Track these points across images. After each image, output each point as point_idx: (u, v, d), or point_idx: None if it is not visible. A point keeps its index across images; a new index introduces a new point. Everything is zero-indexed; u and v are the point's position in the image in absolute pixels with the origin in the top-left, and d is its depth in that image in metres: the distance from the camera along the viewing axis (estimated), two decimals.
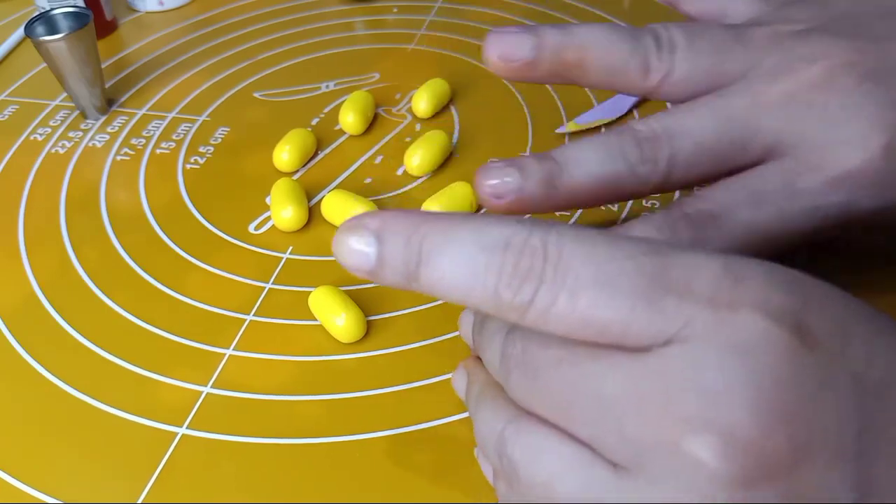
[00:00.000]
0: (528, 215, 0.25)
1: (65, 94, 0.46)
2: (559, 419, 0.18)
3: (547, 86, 0.43)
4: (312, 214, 0.36)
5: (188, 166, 0.40)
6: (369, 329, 0.31)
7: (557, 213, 0.35)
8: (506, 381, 0.20)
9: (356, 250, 0.19)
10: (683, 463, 0.16)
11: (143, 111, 0.45)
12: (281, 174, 0.38)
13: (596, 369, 0.17)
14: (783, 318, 0.16)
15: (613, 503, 0.17)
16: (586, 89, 0.43)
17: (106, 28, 0.53)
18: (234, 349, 0.30)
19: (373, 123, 0.42)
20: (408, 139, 0.40)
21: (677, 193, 0.34)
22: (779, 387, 0.16)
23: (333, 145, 0.40)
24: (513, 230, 0.18)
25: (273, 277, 0.33)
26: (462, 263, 0.18)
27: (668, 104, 0.38)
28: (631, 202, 0.35)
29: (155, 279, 0.34)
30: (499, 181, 0.24)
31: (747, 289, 0.17)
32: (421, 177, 0.38)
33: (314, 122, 0.42)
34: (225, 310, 0.32)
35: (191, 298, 0.33)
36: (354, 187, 0.38)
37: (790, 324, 0.16)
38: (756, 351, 0.16)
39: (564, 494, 0.18)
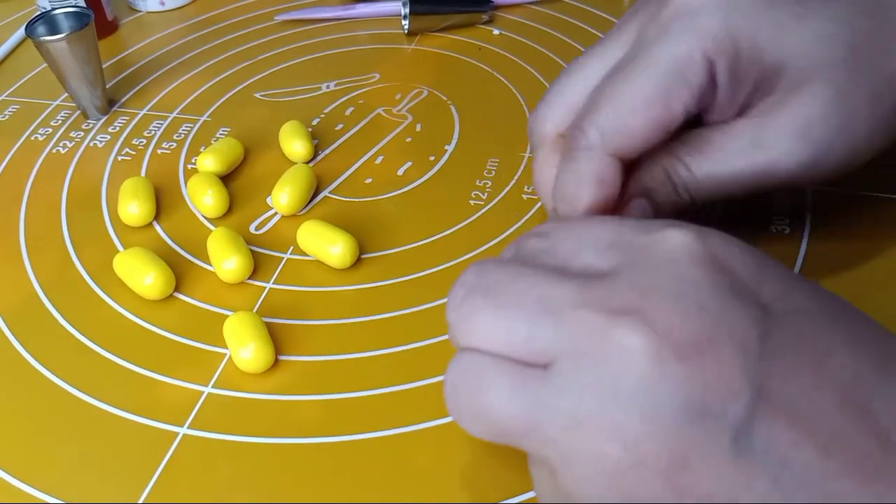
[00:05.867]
0: None
1: (66, 95, 0.46)
2: (501, 333, 0.20)
3: (547, 85, 0.43)
4: (312, 213, 0.36)
5: (189, 166, 0.40)
6: (370, 329, 0.31)
7: None
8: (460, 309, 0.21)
9: None
10: (611, 346, 0.18)
11: (145, 111, 0.45)
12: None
13: (550, 280, 0.20)
14: (701, 244, 0.19)
15: (545, 402, 0.19)
16: None
17: (107, 28, 0.53)
18: None
19: (373, 124, 0.42)
20: (408, 139, 0.41)
21: None
22: (696, 286, 0.18)
23: (334, 145, 0.41)
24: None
25: (274, 277, 0.33)
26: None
27: None
28: None
29: None
30: None
31: (670, 225, 0.20)
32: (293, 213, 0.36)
33: (315, 122, 0.42)
34: (226, 309, 0.32)
35: (192, 298, 0.33)
36: (355, 187, 0.38)
37: (708, 251, 0.19)
38: (679, 260, 0.19)
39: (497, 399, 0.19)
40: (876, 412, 0.17)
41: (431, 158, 0.39)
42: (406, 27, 0.49)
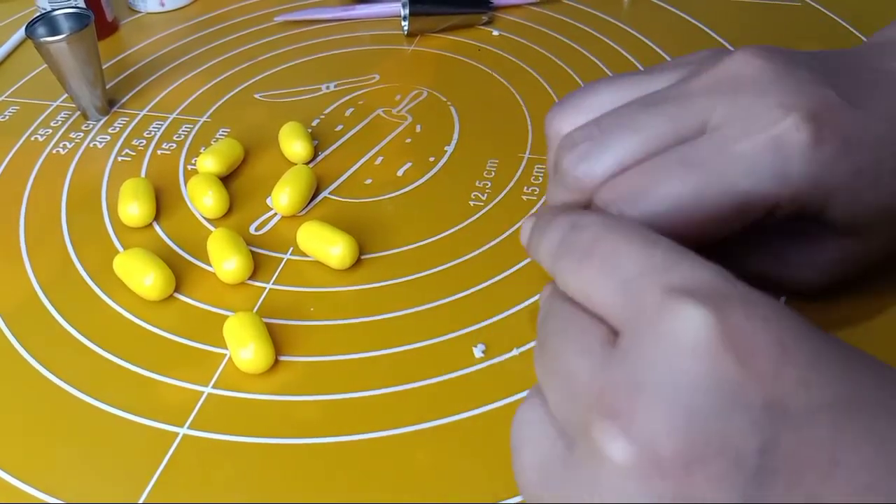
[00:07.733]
0: None
1: (66, 95, 0.46)
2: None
3: (546, 86, 0.43)
4: (312, 214, 0.36)
5: (189, 167, 0.40)
6: (370, 330, 0.31)
7: None
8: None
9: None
10: (592, 447, 0.17)
11: (145, 112, 0.45)
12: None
13: (576, 344, 0.19)
14: (715, 324, 0.17)
15: (560, 480, 0.19)
16: None
17: (107, 29, 0.53)
18: None
19: (373, 124, 0.42)
20: (408, 140, 0.41)
21: None
22: (692, 388, 0.17)
23: (334, 146, 0.41)
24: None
25: (274, 277, 0.33)
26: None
27: None
28: None
29: None
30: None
31: (691, 291, 0.18)
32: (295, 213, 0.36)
33: (315, 123, 0.42)
34: (226, 310, 0.32)
35: (192, 299, 0.33)
36: (355, 188, 0.38)
37: (720, 334, 0.17)
38: (682, 346, 0.17)
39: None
40: None
41: (431, 159, 0.39)
42: (406, 28, 0.49)
